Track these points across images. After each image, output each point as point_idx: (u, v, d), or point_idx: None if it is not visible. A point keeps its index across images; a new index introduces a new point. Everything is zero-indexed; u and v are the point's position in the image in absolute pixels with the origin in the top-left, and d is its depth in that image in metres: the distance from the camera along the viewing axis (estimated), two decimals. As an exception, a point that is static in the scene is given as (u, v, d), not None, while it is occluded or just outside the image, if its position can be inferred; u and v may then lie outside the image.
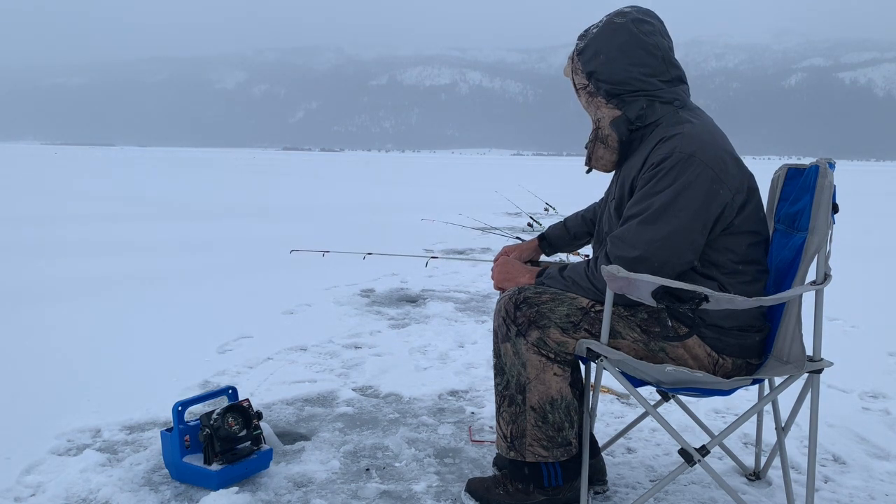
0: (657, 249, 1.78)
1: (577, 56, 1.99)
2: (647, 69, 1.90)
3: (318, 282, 5.32)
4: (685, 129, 1.84)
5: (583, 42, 1.98)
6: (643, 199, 1.81)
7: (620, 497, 2.13)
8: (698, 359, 1.86)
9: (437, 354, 3.61)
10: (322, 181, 24.07)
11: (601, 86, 1.94)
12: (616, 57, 1.91)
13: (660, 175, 1.79)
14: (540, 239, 2.38)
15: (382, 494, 2.12)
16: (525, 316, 1.87)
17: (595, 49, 1.94)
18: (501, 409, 1.95)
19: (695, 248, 1.81)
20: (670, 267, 1.79)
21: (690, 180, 1.76)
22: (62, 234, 8.20)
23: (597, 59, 1.93)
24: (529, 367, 1.88)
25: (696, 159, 1.77)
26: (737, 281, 1.85)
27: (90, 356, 3.42)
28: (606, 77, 1.92)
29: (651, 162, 1.83)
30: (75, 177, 23.52)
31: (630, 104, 1.92)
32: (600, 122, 1.98)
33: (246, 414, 2.20)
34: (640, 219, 1.80)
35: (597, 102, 1.97)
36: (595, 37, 1.95)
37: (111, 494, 2.07)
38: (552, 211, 11.27)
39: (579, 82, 2.00)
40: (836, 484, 2.23)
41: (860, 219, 11.32)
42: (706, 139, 1.83)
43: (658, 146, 1.84)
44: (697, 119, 1.89)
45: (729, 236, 1.84)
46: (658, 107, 1.90)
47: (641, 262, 1.78)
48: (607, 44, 1.92)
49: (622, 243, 1.82)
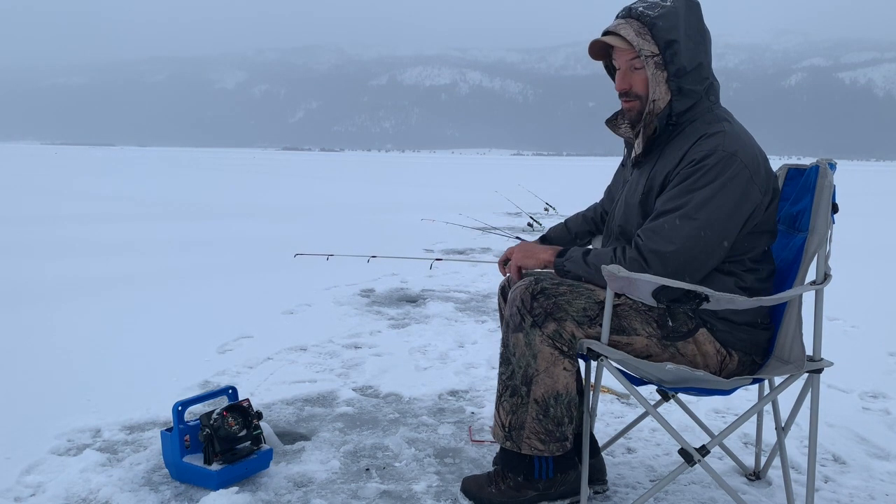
0: (693, 245, 1.76)
1: (646, 20, 1.83)
2: (710, 59, 1.88)
3: (318, 282, 5.32)
4: (726, 128, 1.83)
5: (655, 10, 1.83)
6: (682, 193, 1.79)
7: (620, 497, 2.13)
8: (707, 355, 1.86)
9: (437, 354, 3.61)
10: (322, 181, 24.07)
11: (677, 61, 1.82)
12: (696, 37, 1.84)
13: (702, 171, 1.77)
14: (541, 240, 2.38)
15: (382, 494, 2.12)
16: (542, 307, 1.84)
17: (675, 21, 1.81)
18: (502, 399, 1.93)
19: (725, 246, 1.81)
20: (701, 263, 1.79)
21: (731, 179, 1.76)
22: (62, 234, 8.20)
23: (677, 31, 1.81)
24: (540, 359, 1.85)
25: (738, 159, 1.77)
26: (754, 278, 1.87)
27: (90, 356, 3.42)
28: (687, 54, 1.82)
29: (691, 158, 1.80)
30: (75, 177, 23.52)
31: (686, 94, 1.85)
32: (656, 102, 1.87)
33: (246, 414, 2.20)
34: (681, 213, 1.77)
35: (661, 77, 1.85)
36: (674, 9, 1.82)
37: (111, 494, 2.07)
38: (552, 211, 11.28)
39: (647, 49, 1.83)
40: (836, 484, 2.23)
41: (860, 219, 11.32)
42: (744, 140, 1.83)
43: (699, 142, 1.81)
44: (731, 118, 1.90)
45: (753, 235, 1.85)
46: (701, 103, 1.87)
47: (676, 256, 1.76)
48: (688, 20, 1.83)
49: (657, 237, 1.78)
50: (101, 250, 6.97)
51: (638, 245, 1.81)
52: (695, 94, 1.86)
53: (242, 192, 17.45)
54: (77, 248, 7.12)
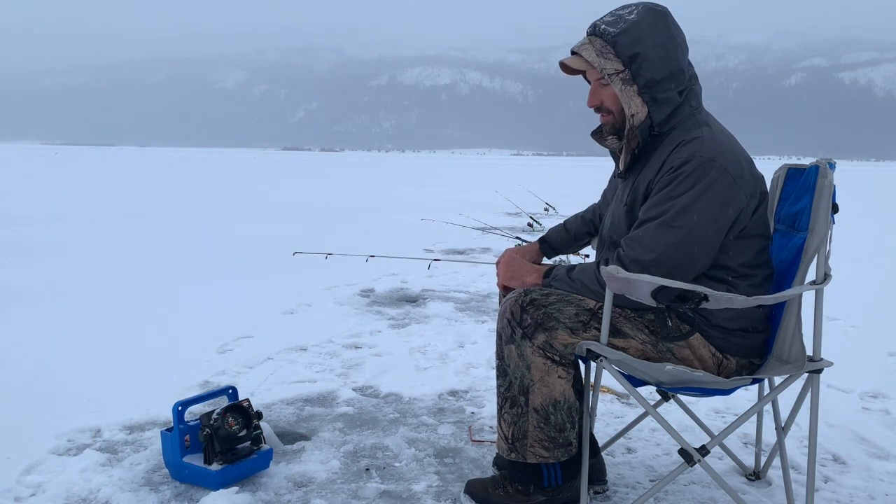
0: (674, 253, 1.76)
1: (607, 38, 1.83)
2: (686, 65, 1.87)
3: (318, 282, 5.32)
4: (704, 133, 1.82)
5: (617, 26, 1.83)
6: (662, 201, 1.79)
7: (620, 497, 2.13)
8: (703, 359, 1.86)
9: (437, 354, 3.61)
10: (322, 181, 24.07)
11: (644, 73, 1.81)
12: (666, 45, 1.82)
13: (680, 178, 1.77)
14: (541, 242, 2.38)
15: (382, 494, 2.12)
16: (532, 318, 1.85)
17: (638, 33, 1.81)
18: (503, 411, 1.94)
19: (709, 253, 1.80)
20: (683, 271, 1.78)
21: (710, 184, 1.75)
22: (62, 234, 8.20)
23: (642, 43, 1.80)
24: (534, 370, 1.86)
25: (717, 164, 1.76)
26: (746, 284, 1.85)
27: (90, 356, 3.42)
28: (654, 65, 1.81)
29: (670, 165, 1.80)
30: (75, 177, 23.51)
31: (662, 102, 1.83)
32: (635, 116, 1.86)
33: (246, 414, 2.20)
34: (659, 221, 1.78)
35: (631, 92, 1.84)
36: (637, 21, 1.82)
37: (111, 494, 2.07)
38: (552, 211, 11.27)
39: (611, 68, 1.83)
40: (836, 484, 2.23)
41: (860, 219, 11.32)
42: (724, 144, 1.82)
43: (677, 149, 1.81)
44: (712, 123, 1.89)
45: (741, 240, 1.84)
46: (680, 109, 1.86)
47: (657, 265, 1.76)
48: (655, 29, 1.82)
49: (638, 245, 1.79)
50: (100, 250, 6.97)
51: (619, 255, 1.82)
52: (671, 102, 1.85)
53: (243, 192, 17.45)
54: (77, 248, 7.12)
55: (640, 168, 1.92)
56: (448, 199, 15.18)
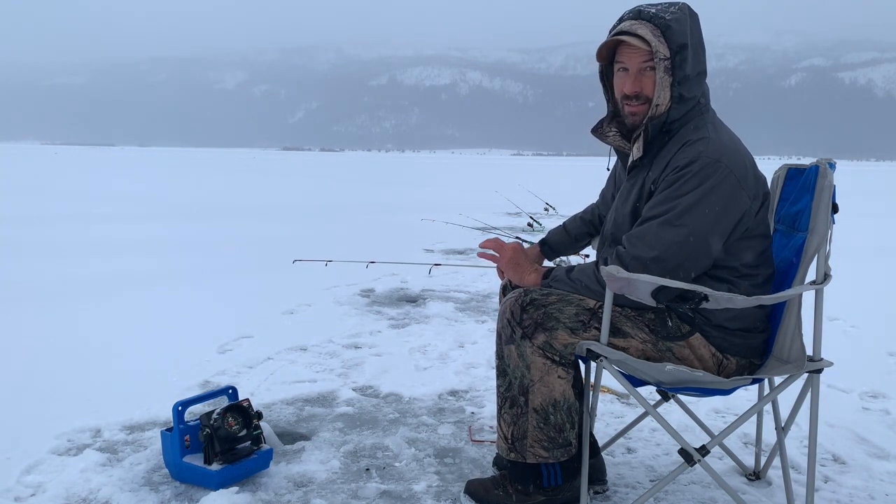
0: (676, 251, 1.76)
1: (659, 22, 1.79)
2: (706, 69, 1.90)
3: (318, 282, 5.32)
4: (710, 134, 1.82)
5: (669, 13, 1.80)
6: (666, 200, 1.79)
7: (620, 497, 2.13)
8: (703, 359, 1.86)
9: (437, 354, 3.61)
10: (322, 181, 24.07)
11: (683, 67, 1.80)
12: (698, 46, 1.83)
13: (685, 178, 1.77)
14: (541, 244, 2.38)
15: (382, 494, 2.12)
16: (532, 318, 1.85)
17: (686, 25, 1.80)
18: (503, 411, 1.94)
19: (711, 253, 1.80)
20: (685, 270, 1.78)
21: (715, 185, 1.75)
22: (62, 234, 8.20)
23: (688, 36, 1.79)
24: (534, 370, 1.86)
25: (723, 165, 1.76)
26: (748, 283, 1.86)
27: (91, 356, 3.42)
28: (691, 61, 1.80)
29: (675, 164, 1.80)
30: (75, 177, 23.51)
31: (684, 102, 1.83)
32: (658, 107, 1.84)
33: (246, 414, 2.20)
34: (662, 220, 1.78)
35: (666, 82, 1.81)
36: (681, 17, 1.80)
37: (111, 494, 2.07)
38: (552, 211, 11.28)
39: (661, 52, 1.79)
40: (836, 484, 2.23)
41: (860, 219, 11.32)
42: (730, 145, 1.82)
43: (683, 149, 1.81)
44: (718, 123, 1.89)
45: (743, 241, 1.84)
46: (693, 109, 1.86)
47: (658, 263, 1.76)
48: (693, 28, 1.82)
49: (640, 242, 1.79)
50: (101, 250, 6.96)
51: (619, 252, 1.82)
52: (691, 103, 1.85)
53: (243, 192, 17.45)
54: (77, 248, 7.12)
55: (648, 166, 1.92)
56: (448, 199, 15.18)
